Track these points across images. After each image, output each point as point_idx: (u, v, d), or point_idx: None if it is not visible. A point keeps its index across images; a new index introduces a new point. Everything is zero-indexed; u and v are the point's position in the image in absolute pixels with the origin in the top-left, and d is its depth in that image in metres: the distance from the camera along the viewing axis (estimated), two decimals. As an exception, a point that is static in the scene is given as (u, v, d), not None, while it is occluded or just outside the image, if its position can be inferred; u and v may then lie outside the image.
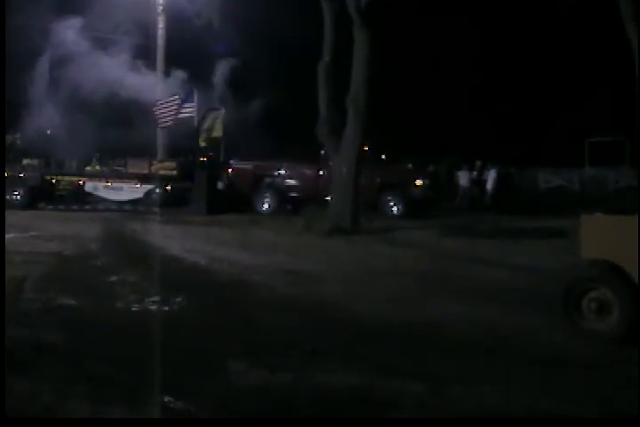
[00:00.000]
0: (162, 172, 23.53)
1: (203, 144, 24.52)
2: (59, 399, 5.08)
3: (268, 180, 23.00)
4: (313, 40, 18.59)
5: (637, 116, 13.04)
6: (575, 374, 5.90)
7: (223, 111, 24.50)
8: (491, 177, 24.40)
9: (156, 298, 8.77)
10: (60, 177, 24.23)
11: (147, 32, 28.16)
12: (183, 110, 25.33)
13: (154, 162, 24.15)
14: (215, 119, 24.57)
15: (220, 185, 23.02)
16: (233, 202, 21.94)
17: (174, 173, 23.42)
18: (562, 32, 37.72)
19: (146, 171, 23.65)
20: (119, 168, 25.43)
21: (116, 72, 26.67)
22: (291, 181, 22.83)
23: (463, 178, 25.79)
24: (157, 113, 25.73)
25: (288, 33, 31.62)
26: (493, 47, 39.27)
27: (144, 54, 28.02)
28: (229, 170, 23.44)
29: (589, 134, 37.01)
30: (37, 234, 15.47)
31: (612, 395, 5.35)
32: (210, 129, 24.57)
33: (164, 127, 26.26)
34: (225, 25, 27.93)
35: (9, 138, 24.93)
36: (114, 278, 10.31)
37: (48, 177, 23.99)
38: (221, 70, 28.83)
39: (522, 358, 6.33)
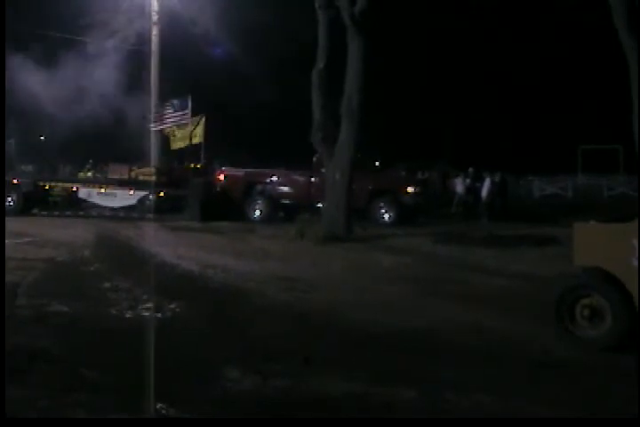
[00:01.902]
0: (141, 177, 23.72)
1: (180, 147, 24.93)
2: (54, 406, 5.08)
3: (259, 187, 22.96)
4: (307, 45, 18.62)
5: (637, 124, 13.04)
6: (570, 380, 5.92)
7: (204, 117, 24.58)
8: (485, 185, 24.40)
9: (150, 305, 8.77)
10: (53, 183, 24.18)
11: (141, 39, 28.15)
12: (178, 117, 25.41)
13: (134, 167, 24.21)
14: (196, 125, 24.75)
15: (213, 192, 23.04)
16: (225, 209, 21.88)
17: (153, 178, 23.57)
18: (557, 42, 37.86)
19: (126, 176, 23.79)
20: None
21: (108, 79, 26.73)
22: (282, 188, 22.79)
23: (459, 185, 25.81)
24: (152, 116, 25.85)
25: (283, 38, 31.73)
26: (488, 55, 39.38)
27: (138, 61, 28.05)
28: (221, 177, 23.42)
29: (583, 142, 37.14)
30: (31, 240, 15.44)
31: (608, 401, 5.37)
32: (191, 135, 24.86)
33: (157, 130, 26.33)
34: (220, 30, 27.94)
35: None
36: (107, 285, 10.29)
37: (41, 183, 23.92)
38: None
39: (520, 364, 6.35)
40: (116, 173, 24.08)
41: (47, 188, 23.96)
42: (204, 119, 24.74)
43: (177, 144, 25.62)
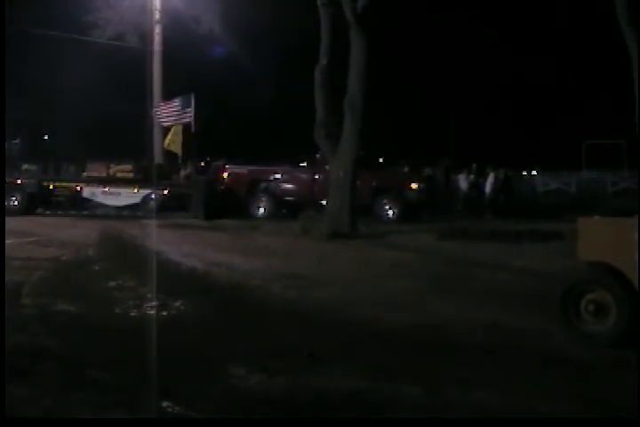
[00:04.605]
0: (119, 174, 23.99)
1: (169, 149, 25.31)
2: (57, 406, 5.08)
3: (263, 184, 23.00)
4: (311, 43, 18.59)
5: (637, 118, 13.02)
6: (573, 377, 5.91)
7: (181, 126, 24.94)
8: (489, 180, 24.40)
9: (155, 303, 8.78)
10: (57, 183, 24.24)
11: (144, 38, 28.18)
12: (183, 116, 25.55)
13: (111, 165, 24.41)
14: (176, 128, 25.12)
15: (216, 190, 23.12)
16: (229, 206, 21.92)
17: (131, 175, 23.79)
18: (560, 36, 37.81)
19: (104, 174, 24.02)
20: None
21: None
22: (286, 185, 22.82)
23: (462, 181, 25.80)
24: (158, 114, 26.04)
25: (285, 36, 31.72)
26: (492, 50, 39.34)
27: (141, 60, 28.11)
28: (225, 174, 23.47)
29: (586, 137, 37.12)
30: (35, 240, 15.47)
31: (611, 397, 5.37)
32: (172, 138, 25.28)
33: (166, 126, 26.57)
34: (222, 28, 27.96)
35: (6, 144, 24.92)
36: (112, 284, 10.31)
37: (45, 183, 23.98)
38: None
39: (523, 360, 6.34)
40: (94, 171, 24.36)
41: (51, 188, 24.02)
42: (180, 128, 25.15)
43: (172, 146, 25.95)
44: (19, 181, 23.39)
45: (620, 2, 13.23)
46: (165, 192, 23.06)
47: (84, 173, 24.96)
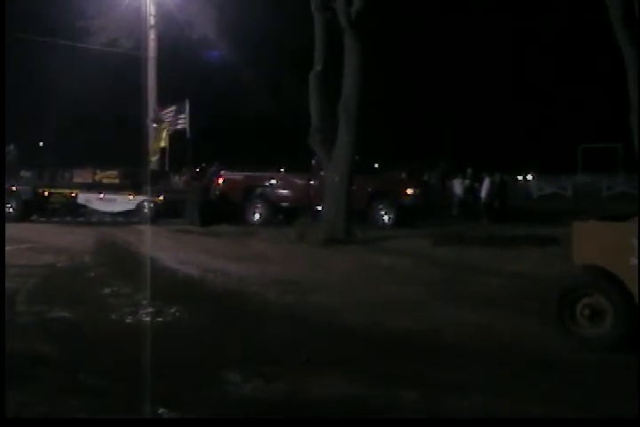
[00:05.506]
0: (105, 180, 24.08)
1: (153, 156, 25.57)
2: (55, 411, 5.08)
3: (259, 190, 22.96)
4: (307, 47, 18.60)
5: (637, 122, 13.04)
6: (571, 381, 5.91)
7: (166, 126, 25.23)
8: (484, 185, 24.38)
9: (151, 310, 8.76)
10: (52, 189, 24.21)
11: (138, 44, 28.19)
12: (179, 121, 25.68)
13: (97, 171, 24.49)
14: (161, 130, 25.21)
15: (211, 196, 23.12)
16: (224, 213, 21.90)
17: (117, 181, 23.88)
18: (556, 41, 37.86)
19: (90, 180, 24.14)
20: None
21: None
22: (282, 191, 22.79)
23: (457, 186, 25.79)
24: (153, 117, 26.24)
25: (282, 41, 31.75)
26: (487, 55, 39.37)
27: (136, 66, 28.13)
28: (220, 180, 23.45)
29: (582, 141, 37.18)
30: (31, 246, 15.41)
31: (609, 401, 5.37)
32: (156, 140, 25.45)
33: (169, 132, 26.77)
34: (217, 34, 27.98)
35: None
36: (108, 290, 10.28)
37: (41, 190, 23.94)
38: None
39: (520, 365, 6.34)
40: (81, 178, 24.46)
41: (46, 194, 23.98)
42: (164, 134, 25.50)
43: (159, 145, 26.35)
44: (14, 188, 23.35)
45: (613, 5, 13.27)
46: (161, 198, 23.01)
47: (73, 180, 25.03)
